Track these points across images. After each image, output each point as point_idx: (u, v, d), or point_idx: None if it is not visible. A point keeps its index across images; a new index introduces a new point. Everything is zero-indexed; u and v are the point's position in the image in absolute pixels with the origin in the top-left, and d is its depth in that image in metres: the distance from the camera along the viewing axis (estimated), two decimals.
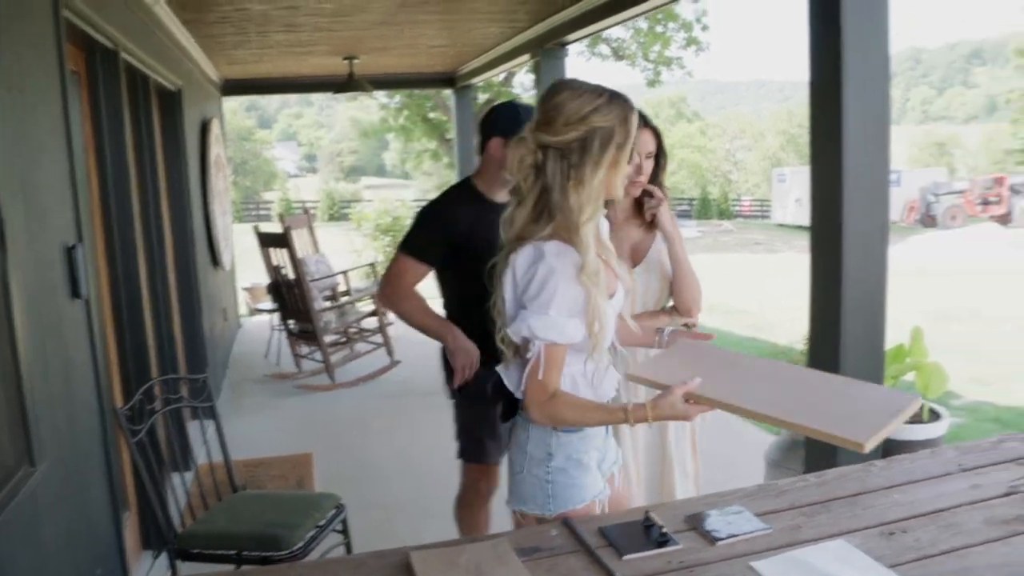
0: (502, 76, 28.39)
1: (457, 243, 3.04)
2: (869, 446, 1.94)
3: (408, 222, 11.76)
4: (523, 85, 31.85)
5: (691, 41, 27.19)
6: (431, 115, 31.98)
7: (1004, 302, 13.75)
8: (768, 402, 2.12)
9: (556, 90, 2.07)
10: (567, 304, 2.03)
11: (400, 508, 4.70)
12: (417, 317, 3.24)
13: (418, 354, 8.29)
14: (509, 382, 2.22)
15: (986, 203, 36.18)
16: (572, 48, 6.96)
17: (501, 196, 2.97)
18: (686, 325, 2.91)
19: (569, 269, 2.02)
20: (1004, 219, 34.35)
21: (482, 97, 29.92)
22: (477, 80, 10.10)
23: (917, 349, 3.81)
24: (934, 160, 68.06)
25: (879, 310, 3.24)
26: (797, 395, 2.19)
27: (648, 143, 2.84)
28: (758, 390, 2.20)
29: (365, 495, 4.83)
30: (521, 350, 2.16)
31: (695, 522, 2.06)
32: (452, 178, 23.99)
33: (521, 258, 2.09)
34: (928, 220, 35.64)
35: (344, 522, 3.53)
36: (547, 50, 6.88)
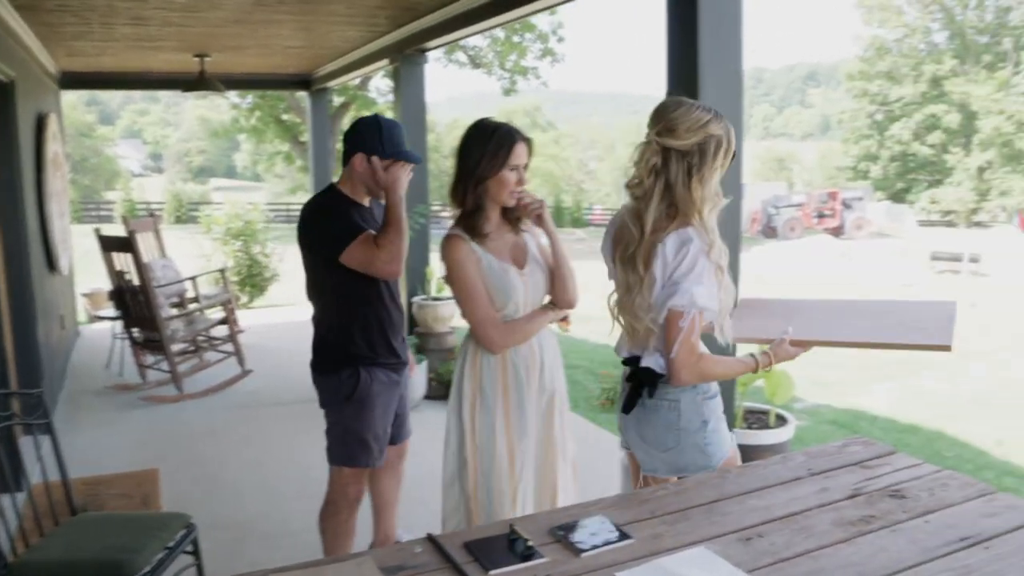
0: (358, 80, 28.15)
1: (335, 240, 3.19)
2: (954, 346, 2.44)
3: (261, 226, 11.44)
4: (379, 89, 31.62)
5: (547, 52, 27.69)
6: (284, 117, 31.30)
7: None
8: (853, 332, 2.64)
9: (675, 104, 2.47)
10: (709, 278, 2.40)
11: (254, 525, 4.54)
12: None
13: (271, 363, 8.07)
14: (656, 365, 2.52)
15: (821, 216, 38.42)
16: (430, 55, 6.95)
17: (365, 201, 3.35)
18: (564, 319, 3.17)
19: (705, 249, 2.39)
20: (837, 231, 36.58)
21: (338, 100, 29.57)
22: (334, 83, 9.94)
23: None
24: (774, 174, 71.71)
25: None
26: (866, 321, 2.72)
27: (524, 155, 2.89)
28: (836, 324, 2.72)
29: (217, 512, 4.64)
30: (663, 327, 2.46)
31: (559, 534, 2.07)
32: (305, 181, 23.46)
33: (669, 245, 2.42)
34: (769, 231, 37.51)
35: (195, 543, 3.37)
36: (407, 56, 6.84)
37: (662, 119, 2.45)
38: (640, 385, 2.58)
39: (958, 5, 53.65)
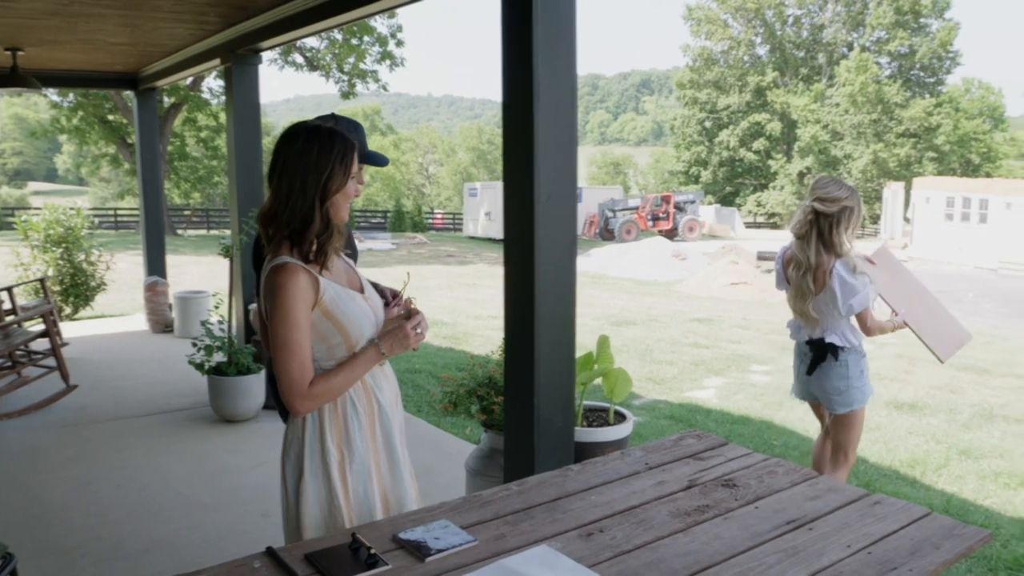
0: (190, 80, 27.13)
1: None
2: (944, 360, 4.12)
3: (86, 233, 10.80)
4: (212, 90, 30.63)
5: (386, 55, 27.56)
6: (111, 117, 29.81)
7: (671, 307, 15.16)
8: (915, 319, 4.04)
9: (824, 182, 3.92)
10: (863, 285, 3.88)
11: (83, 551, 4.26)
12: None
13: (100, 377, 7.65)
14: (837, 340, 3.95)
15: (656, 219, 39.87)
16: (265, 55, 6.76)
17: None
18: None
19: (853, 270, 3.87)
20: (670, 233, 38.03)
21: (168, 100, 28.41)
22: (163, 83, 9.50)
23: (604, 356, 4.05)
24: (611, 179, 73.96)
25: (570, 320, 3.41)
26: (923, 311, 4.09)
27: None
28: (914, 308, 4.08)
29: (40, 539, 4.34)
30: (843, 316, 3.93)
31: (403, 540, 2.04)
32: (134, 186, 22.30)
33: (842, 269, 3.84)
34: (607, 234, 38.61)
35: (14, 572, 3.13)
36: (239, 56, 6.62)
37: (815, 191, 3.88)
38: (824, 354, 3.95)
39: (778, 21, 56.89)
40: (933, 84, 53.58)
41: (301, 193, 2.27)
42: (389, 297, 2.58)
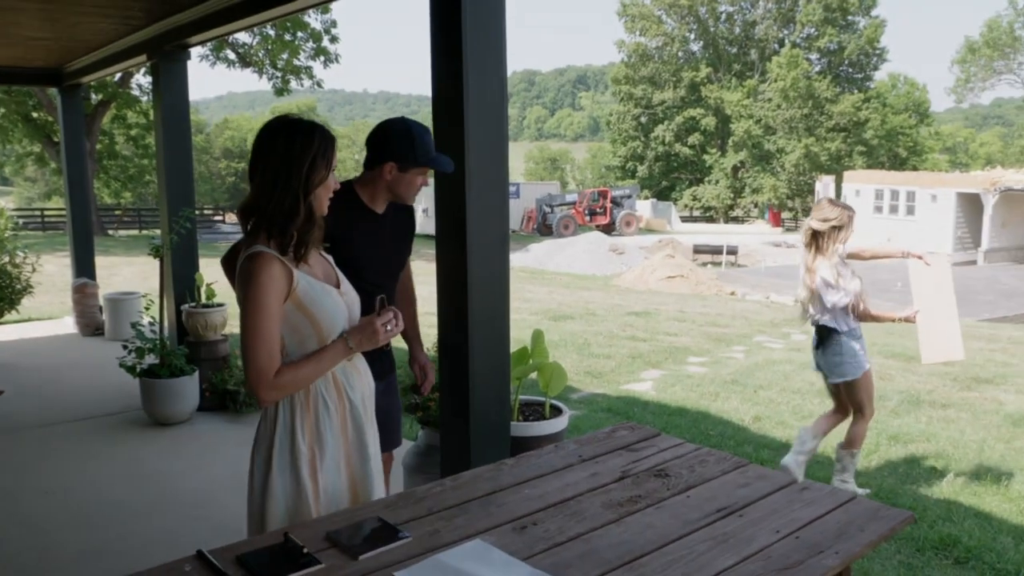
0: (118, 77, 26.50)
1: (330, 241, 2.74)
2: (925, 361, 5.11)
3: (9, 234, 10.50)
4: (142, 87, 29.94)
5: (320, 51, 27.25)
6: (35, 114, 28.96)
7: (608, 301, 15.29)
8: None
9: (823, 203, 4.93)
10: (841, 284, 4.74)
11: (10, 562, 4.13)
12: None
13: (27, 382, 7.44)
14: (831, 323, 4.77)
15: (593, 214, 40.19)
16: (195, 51, 6.62)
17: (380, 208, 3.04)
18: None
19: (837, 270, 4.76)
20: (608, 228, 38.38)
21: (96, 97, 27.72)
22: (89, 79, 9.26)
23: (539, 350, 4.05)
24: (548, 174, 74.28)
25: (503, 315, 3.41)
26: (940, 315, 4.93)
27: None
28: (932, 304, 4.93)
29: None
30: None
31: (337, 539, 2.02)
32: (61, 185, 21.80)
33: (823, 273, 4.71)
34: (545, 229, 38.78)
35: None
36: (166, 52, 6.48)
37: (813, 212, 4.89)
38: (822, 334, 4.85)
39: (711, 17, 57.72)
40: (861, 80, 54.90)
41: (285, 186, 2.28)
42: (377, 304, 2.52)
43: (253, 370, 2.23)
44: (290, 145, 2.30)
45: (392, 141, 2.93)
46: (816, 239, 4.84)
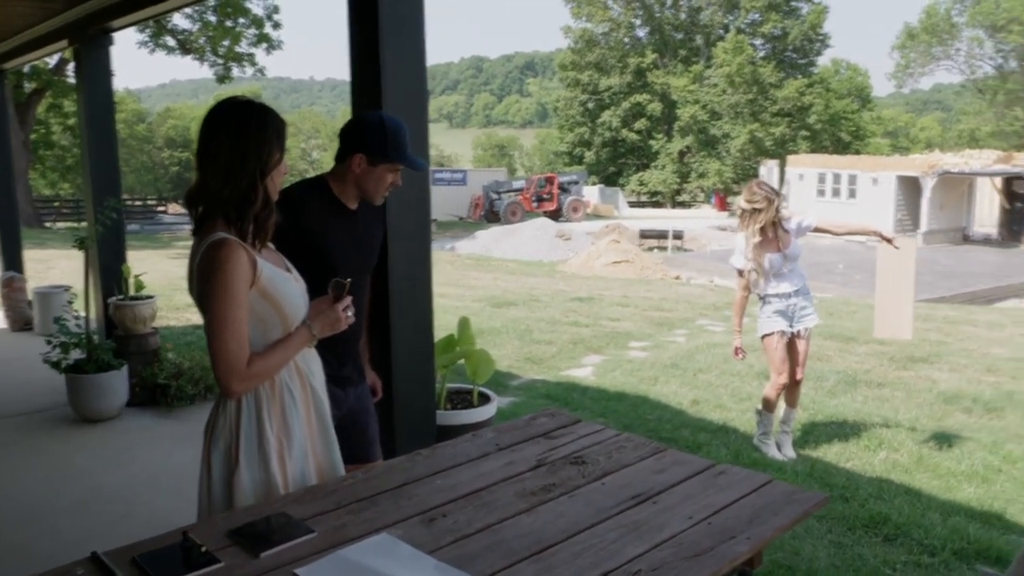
0: (53, 64, 25.81)
1: (304, 234, 2.72)
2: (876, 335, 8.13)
3: None
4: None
5: (263, 38, 26.79)
6: None
7: (553, 287, 15.30)
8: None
9: (749, 186, 5.43)
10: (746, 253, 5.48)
11: None
12: None
13: None
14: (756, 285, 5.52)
15: (540, 200, 40.18)
16: (134, 38, 6.47)
17: (353, 204, 2.87)
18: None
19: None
20: (555, 214, 38.39)
21: (29, 85, 26.94)
22: (10, 66, 8.97)
23: (465, 338, 4.01)
24: (496, 161, 74.06)
25: (426, 302, 3.36)
26: (898, 294, 6.48)
27: None
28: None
29: None
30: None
31: (238, 536, 1.96)
32: None
33: (740, 242, 5.50)
34: (492, 216, 38.72)
35: None
36: (89, 36, 6.29)
37: (743, 193, 5.45)
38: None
39: (656, 3, 57.92)
40: (805, 65, 55.49)
41: (241, 170, 2.20)
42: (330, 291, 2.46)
43: (223, 361, 2.16)
44: (244, 127, 2.23)
45: (364, 133, 2.81)
46: (742, 217, 5.46)
